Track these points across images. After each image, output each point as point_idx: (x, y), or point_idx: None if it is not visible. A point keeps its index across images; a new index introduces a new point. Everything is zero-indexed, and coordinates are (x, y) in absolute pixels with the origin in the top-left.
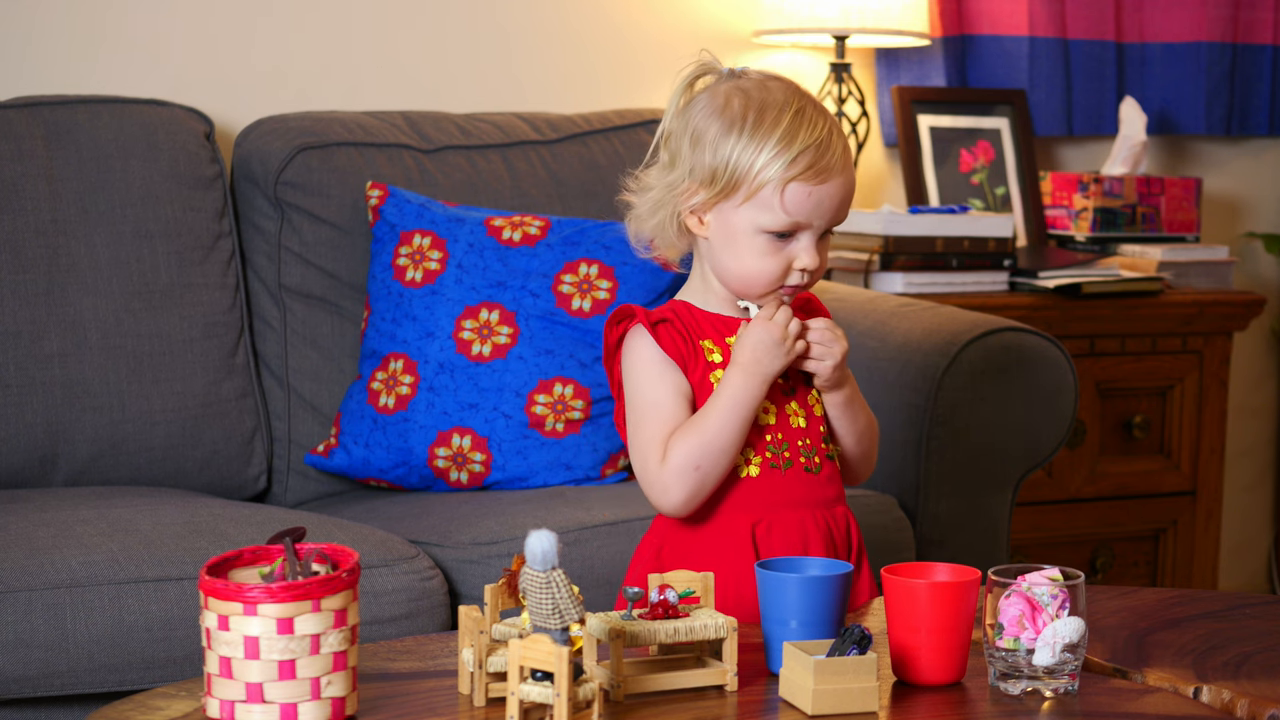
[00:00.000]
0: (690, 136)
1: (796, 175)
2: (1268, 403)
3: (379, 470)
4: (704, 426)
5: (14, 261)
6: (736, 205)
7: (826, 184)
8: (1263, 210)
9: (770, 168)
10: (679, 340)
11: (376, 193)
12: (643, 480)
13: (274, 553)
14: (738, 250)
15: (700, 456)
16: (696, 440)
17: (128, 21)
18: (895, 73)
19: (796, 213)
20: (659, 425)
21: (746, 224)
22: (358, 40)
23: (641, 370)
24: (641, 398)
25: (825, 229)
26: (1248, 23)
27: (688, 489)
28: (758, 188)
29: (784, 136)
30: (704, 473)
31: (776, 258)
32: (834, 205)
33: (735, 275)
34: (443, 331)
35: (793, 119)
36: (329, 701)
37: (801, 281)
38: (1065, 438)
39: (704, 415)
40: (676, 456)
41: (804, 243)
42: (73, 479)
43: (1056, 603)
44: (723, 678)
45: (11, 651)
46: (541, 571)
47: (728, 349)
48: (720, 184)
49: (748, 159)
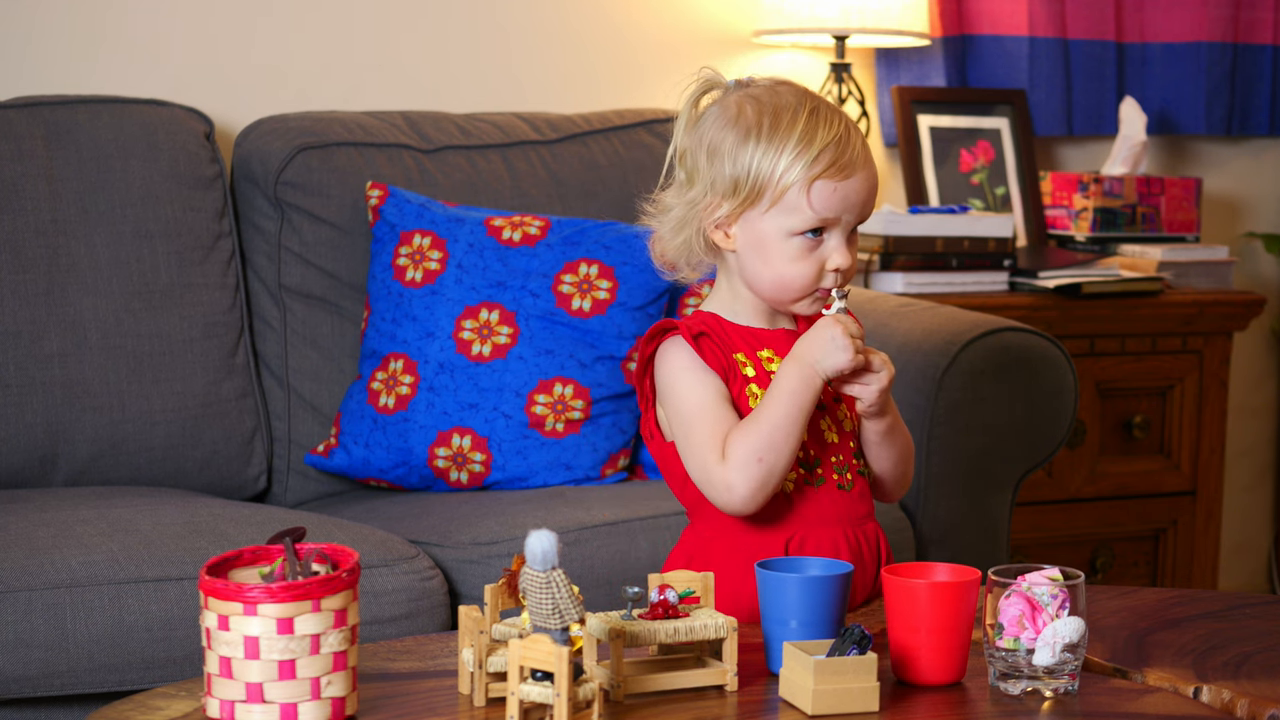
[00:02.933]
0: (706, 150)
1: (820, 173)
2: (1268, 403)
3: (379, 470)
4: (762, 418)
5: (14, 261)
6: (763, 212)
7: (851, 178)
8: (1263, 210)
9: (793, 170)
10: (718, 352)
11: (376, 193)
12: (705, 484)
13: (274, 553)
14: (769, 257)
15: (763, 449)
16: (755, 432)
17: (128, 21)
18: (895, 73)
19: (824, 210)
20: (711, 425)
21: (775, 230)
22: (358, 40)
23: (681, 376)
24: (687, 403)
25: (853, 225)
26: (1248, 23)
27: (753, 482)
28: (782, 191)
29: (802, 137)
30: (768, 465)
31: (808, 261)
32: (861, 199)
33: (768, 282)
34: (443, 331)
35: (808, 119)
36: (329, 701)
37: (836, 283)
38: (1065, 438)
39: (761, 409)
40: (738, 450)
41: (834, 242)
42: (73, 479)
43: (1056, 603)
44: (723, 678)
45: (11, 651)
46: (541, 571)
47: (760, 363)
48: (744, 193)
49: (769, 164)
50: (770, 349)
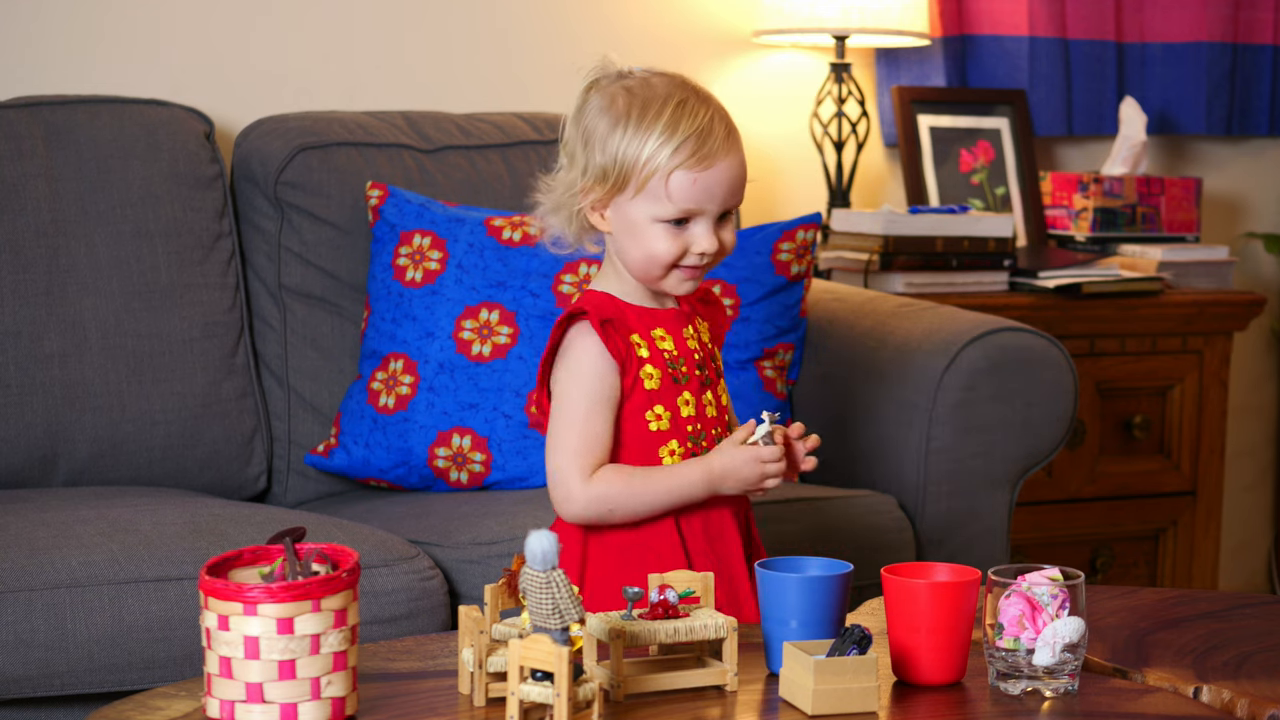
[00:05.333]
0: (582, 137)
1: (680, 164)
2: (1268, 403)
3: (379, 470)
4: (641, 488)
5: (14, 261)
6: (630, 198)
7: (711, 169)
8: (1263, 210)
9: (655, 159)
10: (617, 339)
11: (376, 193)
12: (553, 476)
13: (274, 553)
14: (637, 239)
15: (620, 506)
16: (629, 490)
17: (128, 21)
18: (895, 73)
19: (684, 200)
20: (590, 436)
21: (641, 215)
22: (358, 40)
23: (583, 363)
24: (576, 397)
25: (720, 213)
26: (1248, 23)
27: (591, 516)
28: (646, 179)
29: (665, 129)
30: (615, 516)
31: (674, 242)
32: (724, 190)
33: (638, 262)
34: (443, 331)
35: (674, 110)
36: (329, 701)
37: (700, 263)
38: (1065, 438)
39: (649, 478)
40: (600, 489)
41: (700, 228)
42: (73, 479)
43: (1056, 603)
44: (723, 678)
45: (11, 651)
46: (541, 571)
47: (653, 341)
48: (612, 179)
49: (634, 152)
50: (663, 328)
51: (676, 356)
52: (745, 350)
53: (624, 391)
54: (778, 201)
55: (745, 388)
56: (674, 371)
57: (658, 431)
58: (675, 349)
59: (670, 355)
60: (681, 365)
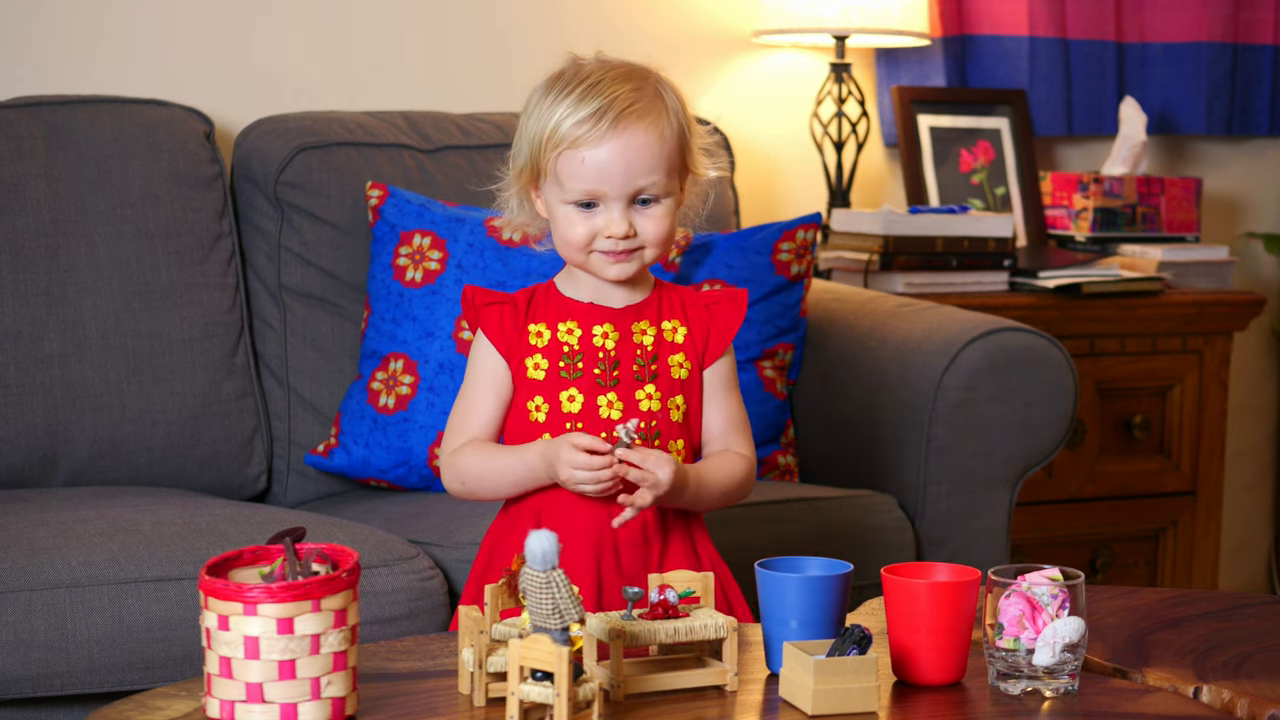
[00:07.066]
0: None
1: (568, 145)
2: (1268, 403)
3: (379, 470)
4: (493, 465)
5: (14, 261)
6: (545, 183)
7: (600, 148)
8: (1263, 210)
9: (553, 138)
10: (508, 327)
11: (376, 193)
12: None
13: (274, 553)
14: (555, 222)
15: (473, 482)
16: (478, 467)
17: (128, 21)
18: (895, 73)
19: (574, 180)
20: (463, 414)
21: (552, 198)
22: (358, 40)
23: (474, 348)
24: (466, 378)
25: (629, 196)
26: (1248, 23)
27: (454, 489)
28: (548, 160)
29: (566, 108)
30: (467, 489)
31: (583, 225)
32: (621, 171)
33: (559, 245)
34: (443, 331)
35: (582, 90)
36: (329, 701)
37: (615, 248)
38: (1065, 438)
39: (503, 460)
40: (459, 463)
41: (611, 213)
42: (73, 479)
43: (1056, 603)
44: (723, 678)
45: (11, 651)
46: (541, 571)
47: (556, 332)
48: (524, 160)
49: (535, 131)
50: (574, 320)
51: (575, 351)
52: (745, 350)
53: (514, 377)
54: (778, 201)
55: (746, 388)
56: (566, 365)
57: (535, 423)
58: (577, 344)
59: (568, 349)
60: (577, 361)
